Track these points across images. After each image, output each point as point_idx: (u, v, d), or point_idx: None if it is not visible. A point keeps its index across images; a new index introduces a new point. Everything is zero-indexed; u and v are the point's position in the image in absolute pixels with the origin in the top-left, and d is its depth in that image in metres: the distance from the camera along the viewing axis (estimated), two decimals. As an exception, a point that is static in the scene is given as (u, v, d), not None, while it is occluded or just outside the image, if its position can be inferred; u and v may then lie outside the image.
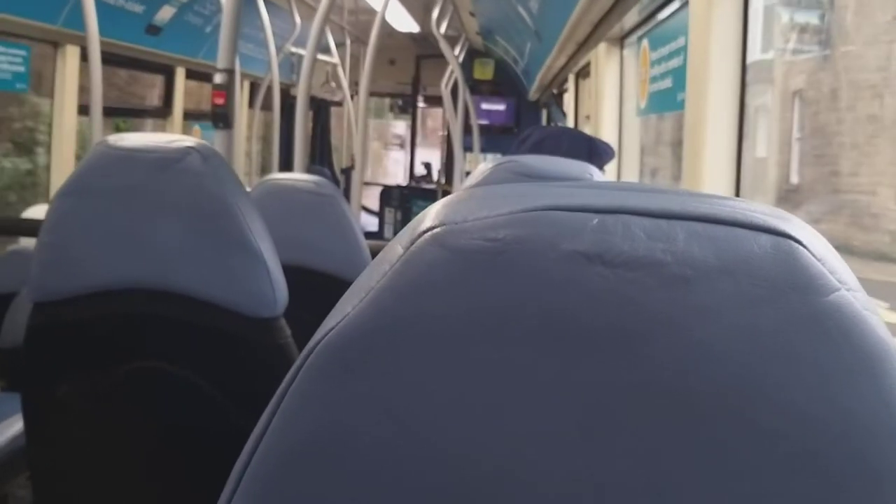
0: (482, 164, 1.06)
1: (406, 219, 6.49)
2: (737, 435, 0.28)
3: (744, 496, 0.28)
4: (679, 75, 2.01)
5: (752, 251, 0.30)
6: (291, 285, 1.05)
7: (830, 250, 0.31)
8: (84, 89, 3.28)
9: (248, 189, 1.26)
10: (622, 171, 3.23)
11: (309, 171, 4.53)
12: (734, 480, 0.28)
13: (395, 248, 0.32)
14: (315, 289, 1.52)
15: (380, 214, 6.46)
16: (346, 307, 0.32)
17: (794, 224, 0.31)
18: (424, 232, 0.31)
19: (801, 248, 0.30)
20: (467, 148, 5.56)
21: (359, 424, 0.30)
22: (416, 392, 0.30)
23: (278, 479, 0.30)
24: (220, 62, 1.96)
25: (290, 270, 1.12)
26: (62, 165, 3.36)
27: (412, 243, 0.31)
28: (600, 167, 1.77)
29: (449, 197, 0.34)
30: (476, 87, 6.92)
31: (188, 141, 1.01)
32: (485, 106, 7.11)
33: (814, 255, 0.30)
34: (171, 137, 1.02)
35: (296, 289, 1.08)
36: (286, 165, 5.25)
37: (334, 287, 1.58)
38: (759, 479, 0.28)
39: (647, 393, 0.29)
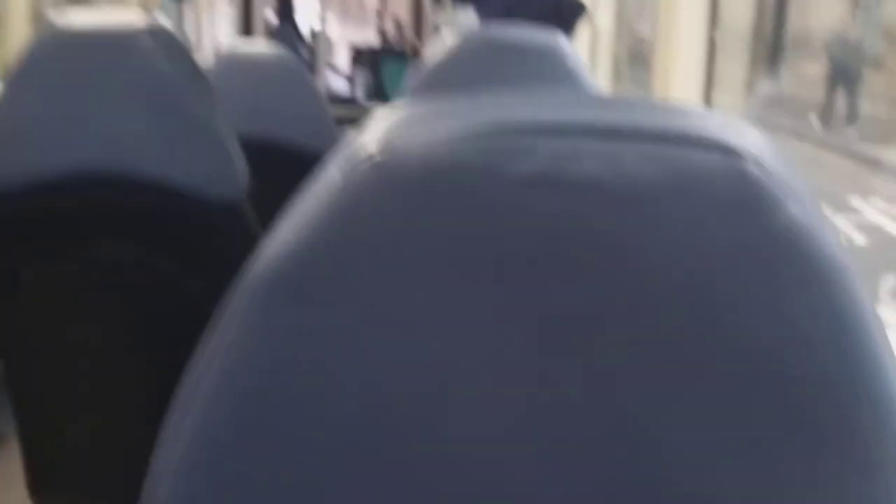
0: (448, 37, 1.02)
1: (378, 81, 6.34)
2: (688, 355, 0.28)
3: (696, 414, 0.28)
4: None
5: (701, 170, 0.29)
6: (256, 161, 1.03)
7: (784, 165, 0.30)
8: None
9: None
10: (597, 21, 3.13)
11: (275, 31, 4.34)
12: (686, 400, 0.28)
13: (334, 172, 0.31)
14: (281, 164, 1.50)
15: (351, 77, 6.29)
16: (283, 234, 0.30)
17: (747, 139, 0.30)
18: (363, 157, 0.30)
19: (752, 165, 0.29)
20: (437, 1, 5.35)
21: (300, 360, 0.29)
22: (358, 325, 0.29)
23: (216, 413, 0.30)
24: None
25: (254, 146, 1.09)
26: (14, 39, 3.21)
27: (351, 169, 0.30)
28: (569, 29, 1.71)
29: (388, 114, 0.32)
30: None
31: (139, 19, 0.96)
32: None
33: (766, 172, 0.29)
34: (121, 17, 0.98)
35: (261, 164, 1.07)
36: (246, 24, 5.03)
37: (300, 161, 1.56)
38: (711, 397, 0.28)
39: (599, 316, 0.28)
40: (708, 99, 1.53)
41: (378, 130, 0.31)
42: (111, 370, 1.03)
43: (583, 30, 2.30)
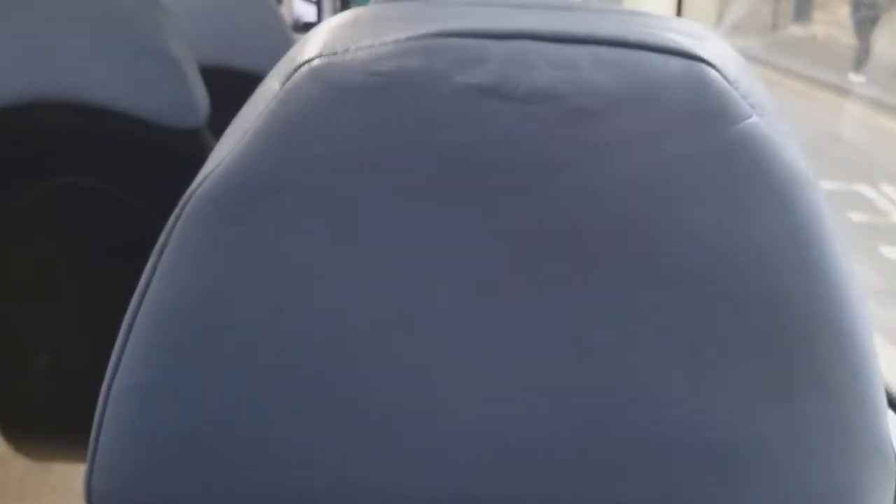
0: None
1: (346, 5, 6.18)
2: (645, 271, 0.27)
3: (651, 331, 0.28)
4: None
5: (660, 78, 0.27)
6: (217, 89, 1.00)
7: (746, 72, 0.29)
8: None
9: None
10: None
11: None
12: (643, 316, 0.28)
13: (272, 83, 0.29)
14: (242, 92, 1.45)
15: (317, 2, 6.13)
16: (223, 151, 0.29)
17: (707, 44, 0.28)
18: (301, 65, 0.28)
19: (713, 71, 0.27)
20: None
21: (242, 280, 0.28)
22: (297, 240, 0.27)
23: (160, 340, 0.29)
24: None
25: (214, 73, 1.06)
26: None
27: (288, 78, 0.28)
28: None
29: (331, 21, 0.30)
30: None
31: None
32: None
33: (726, 79, 0.27)
34: None
35: (223, 92, 1.03)
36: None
37: None
38: (666, 313, 0.28)
39: (551, 232, 0.27)
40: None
41: (319, 36, 0.29)
42: (70, 301, 1.01)
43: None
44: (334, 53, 0.28)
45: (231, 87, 1.34)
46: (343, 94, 0.27)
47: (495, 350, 0.28)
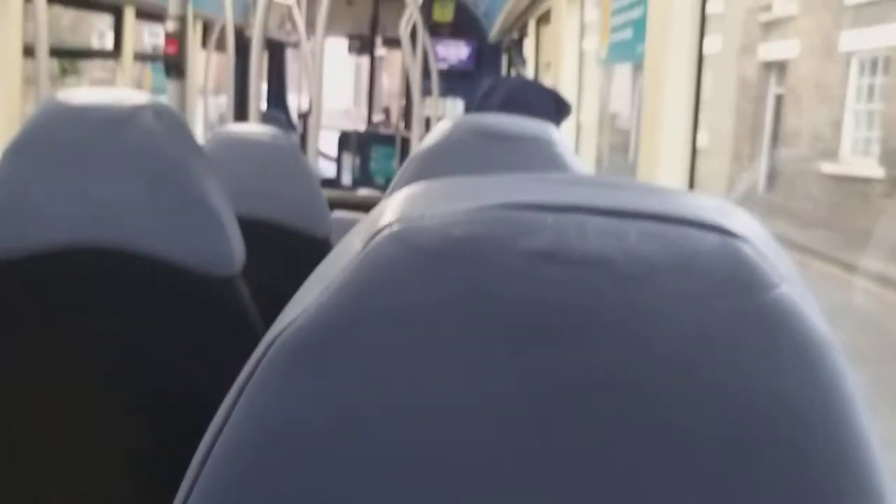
0: (441, 123, 1.05)
1: (364, 165, 6.44)
2: (685, 423, 0.30)
3: (691, 480, 0.29)
4: (640, 26, 2.00)
5: (699, 249, 0.31)
6: (250, 239, 1.04)
7: (773, 246, 0.32)
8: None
9: (202, 141, 1.23)
10: (581, 115, 3.23)
11: (265, 115, 4.43)
12: (682, 466, 0.30)
13: (354, 242, 0.32)
14: (274, 242, 1.51)
15: (338, 160, 6.39)
16: (305, 301, 0.32)
17: (739, 221, 0.32)
18: (383, 228, 0.31)
19: (745, 245, 0.31)
20: (426, 92, 5.50)
21: (318, 421, 0.30)
22: (375, 388, 0.30)
23: (238, 475, 0.30)
24: (172, 8, 1.89)
25: (247, 224, 1.10)
26: (6, 106, 3.25)
27: (371, 239, 0.31)
28: (559, 123, 1.78)
29: (407, 190, 0.34)
30: (436, 29, 6.81)
31: (141, 97, 0.99)
32: (445, 49, 7.01)
33: (757, 253, 0.31)
34: (123, 93, 1.00)
35: (254, 243, 1.08)
36: (240, 109, 5.13)
37: (293, 241, 1.58)
38: (705, 464, 0.30)
39: (603, 384, 0.30)
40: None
41: (397, 201, 0.33)
42: (95, 443, 1.01)
43: (569, 123, 2.38)
44: (412, 219, 0.31)
45: (264, 237, 1.40)
46: (419, 256, 0.30)
47: (548, 491, 0.29)
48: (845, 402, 0.30)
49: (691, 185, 1.58)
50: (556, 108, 1.79)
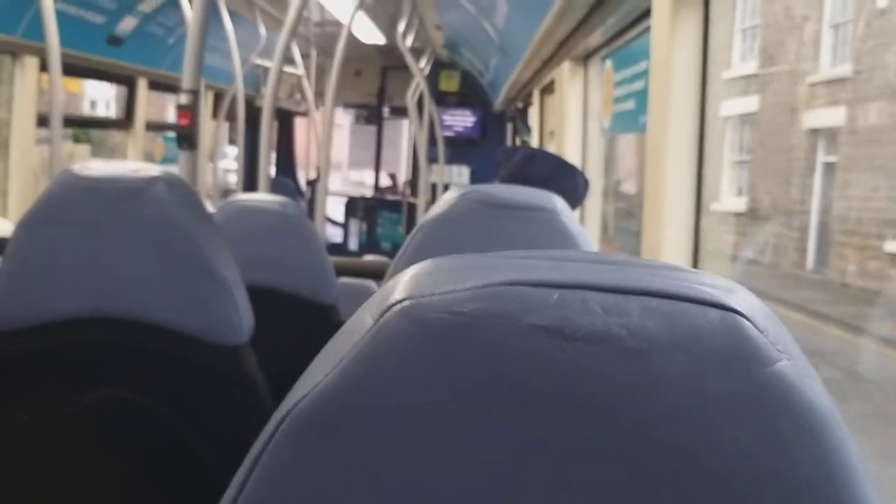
0: (447, 193, 1.06)
1: (371, 230, 6.49)
2: (689, 495, 0.30)
3: None
4: (642, 98, 2.05)
5: (701, 325, 0.31)
6: (258, 307, 1.05)
7: (773, 320, 0.33)
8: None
9: (212, 208, 1.25)
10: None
11: (273, 182, 4.49)
12: None
13: (365, 318, 0.33)
14: (282, 310, 1.52)
15: (345, 226, 6.44)
16: (318, 375, 0.32)
17: (739, 297, 0.33)
18: (393, 304, 0.32)
19: (745, 321, 0.32)
20: (432, 159, 5.58)
21: (332, 493, 0.31)
22: (385, 462, 0.31)
23: None
24: (186, 82, 1.93)
25: (256, 292, 1.11)
26: (20, 175, 3.31)
27: (381, 315, 0.32)
28: (576, 204, 1.75)
29: (416, 268, 0.35)
30: (442, 98, 6.95)
31: (154, 169, 1.01)
32: (451, 117, 7.14)
33: (757, 328, 0.32)
34: (136, 166, 1.02)
35: (262, 310, 1.09)
36: (250, 176, 5.21)
37: (301, 308, 1.59)
38: None
39: (608, 456, 0.30)
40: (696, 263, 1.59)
41: (406, 278, 0.34)
42: None
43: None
44: (421, 296, 0.32)
45: (272, 305, 1.41)
46: (428, 331, 0.31)
47: None
48: (848, 473, 0.31)
49: (696, 255, 1.59)
50: (582, 186, 1.76)
